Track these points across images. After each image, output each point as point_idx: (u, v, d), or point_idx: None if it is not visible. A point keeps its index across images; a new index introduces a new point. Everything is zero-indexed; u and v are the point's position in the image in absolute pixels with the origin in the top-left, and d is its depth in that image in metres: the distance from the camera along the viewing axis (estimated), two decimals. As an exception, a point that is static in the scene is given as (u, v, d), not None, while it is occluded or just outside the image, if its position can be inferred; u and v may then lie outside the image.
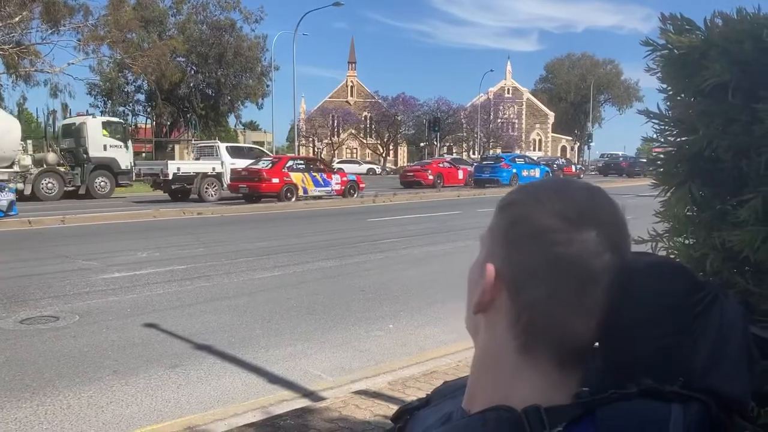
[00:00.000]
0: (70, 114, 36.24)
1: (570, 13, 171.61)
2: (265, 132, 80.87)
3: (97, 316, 6.53)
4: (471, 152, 72.48)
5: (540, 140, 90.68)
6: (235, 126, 62.67)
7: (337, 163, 60.79)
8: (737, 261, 1.16)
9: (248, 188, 21.79)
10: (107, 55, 39.95)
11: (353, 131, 78.89)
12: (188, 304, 7.12)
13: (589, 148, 71.20)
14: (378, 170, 64.39)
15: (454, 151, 74.84)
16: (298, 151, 46.18)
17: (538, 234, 0.71)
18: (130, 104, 51.14)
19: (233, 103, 52.60)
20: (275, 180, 21.82)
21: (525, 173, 32.77)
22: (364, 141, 78.85)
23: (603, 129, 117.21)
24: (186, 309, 6.88)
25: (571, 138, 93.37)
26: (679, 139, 1.29)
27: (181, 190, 23.21)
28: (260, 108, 55.31)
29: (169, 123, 50.57)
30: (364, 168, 60.50)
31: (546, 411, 0.68)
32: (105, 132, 25.85)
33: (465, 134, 72.52)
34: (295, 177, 22.50)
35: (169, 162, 23.36)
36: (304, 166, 23.74)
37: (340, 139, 77.20)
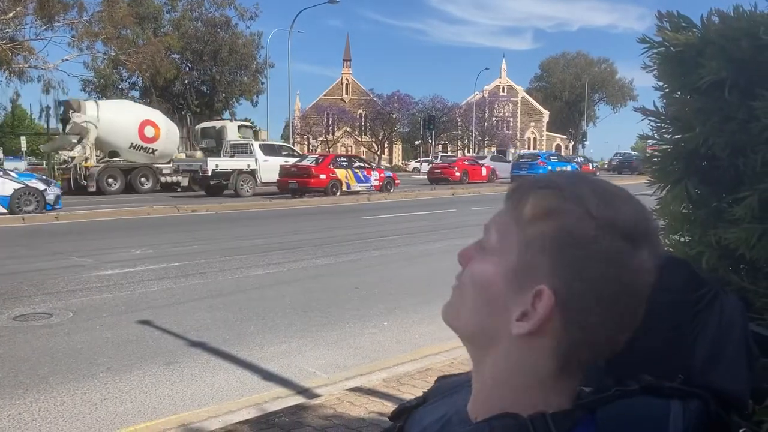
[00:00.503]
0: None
1: (565, 11, 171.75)
2: (259, 129, 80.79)
3: (90, 313, 6.51)
4: (466, 150, 72.44)
5: (535, 139, 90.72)
6: (230, 123, 62.46)
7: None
8: (733, 258, 1.16)
9: (297, 184, 22.98)
10: (101, 52, 39.77)
11: (348, 129, 78.78)
12: (182, 301, 7.11)
13: (583, 147, 71.27)
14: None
15: (449, 149, 74.84)
16: (293, 148, 46.08)
17: (601, 256, 0.66)
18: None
19: (228, 100, 52.48)
20: (322, 176, 23.14)
21: (559, 170, 33.59)
22: (359, 139, 78.69)
23: (597, 128, 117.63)
24: (180, 306, 6.86)
25: (565, 137, 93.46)
26: (675, 137, 1.29)
27: (218, 186, 24.12)
28: (255, 105, 55.19)
29: (163, 120, 50.46)
30: (359, 166, 60.46)
31: (552, 416, 0.67)
32: (239, 134, 29.98)
33: (460, 132, 72.49)
34: (340, 173, 23.92)
35: (208, 159, 24.39)
36: (347, 162, 25.49)
37: (335, 137, 77.08)
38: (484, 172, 36.45)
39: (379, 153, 72.93)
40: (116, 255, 10.09)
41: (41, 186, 16.39)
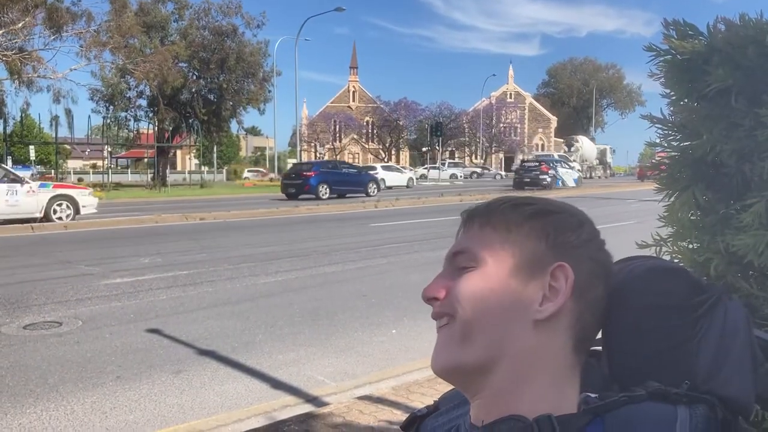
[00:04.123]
0: (72, 119, 39.16)
1: (572, 17, 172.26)
2: (266, 137, 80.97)
3: (100, 322, 6.53)
4: (473, 157, 72.39)
5: (542, 145, 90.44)
6: (237, 131, 62.61)
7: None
8: (741, 265, 1.16)
9: (638, 176, 45.18)
10: (109, 61, 39.82)
11: (355, 136, 78.91)
12: (191, 309, 7.13)
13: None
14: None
15: (456, 155, 74.81)
16: (300, 156, 46.18)
17: (588, 238, 0.77)
18: (132, 109, 51.00)
19: (235, 108, 52.44)
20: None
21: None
22: (366, 146, 78.82)
23: (605, 133, 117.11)
24: (189, 314, 6.88)
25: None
26: (682, 144, 1.29)
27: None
28: (262, 113, 55.06)
29: (171, 128, 50.48)
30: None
31: (558, 419, 0.68)
32: (610, 154, 66.61)
33: (467, 139, 72.57)
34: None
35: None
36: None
37: (341, 144, 77.22)
38: None
39: (386, 160, 73.02)
40: (125, 264, 10.13)
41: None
